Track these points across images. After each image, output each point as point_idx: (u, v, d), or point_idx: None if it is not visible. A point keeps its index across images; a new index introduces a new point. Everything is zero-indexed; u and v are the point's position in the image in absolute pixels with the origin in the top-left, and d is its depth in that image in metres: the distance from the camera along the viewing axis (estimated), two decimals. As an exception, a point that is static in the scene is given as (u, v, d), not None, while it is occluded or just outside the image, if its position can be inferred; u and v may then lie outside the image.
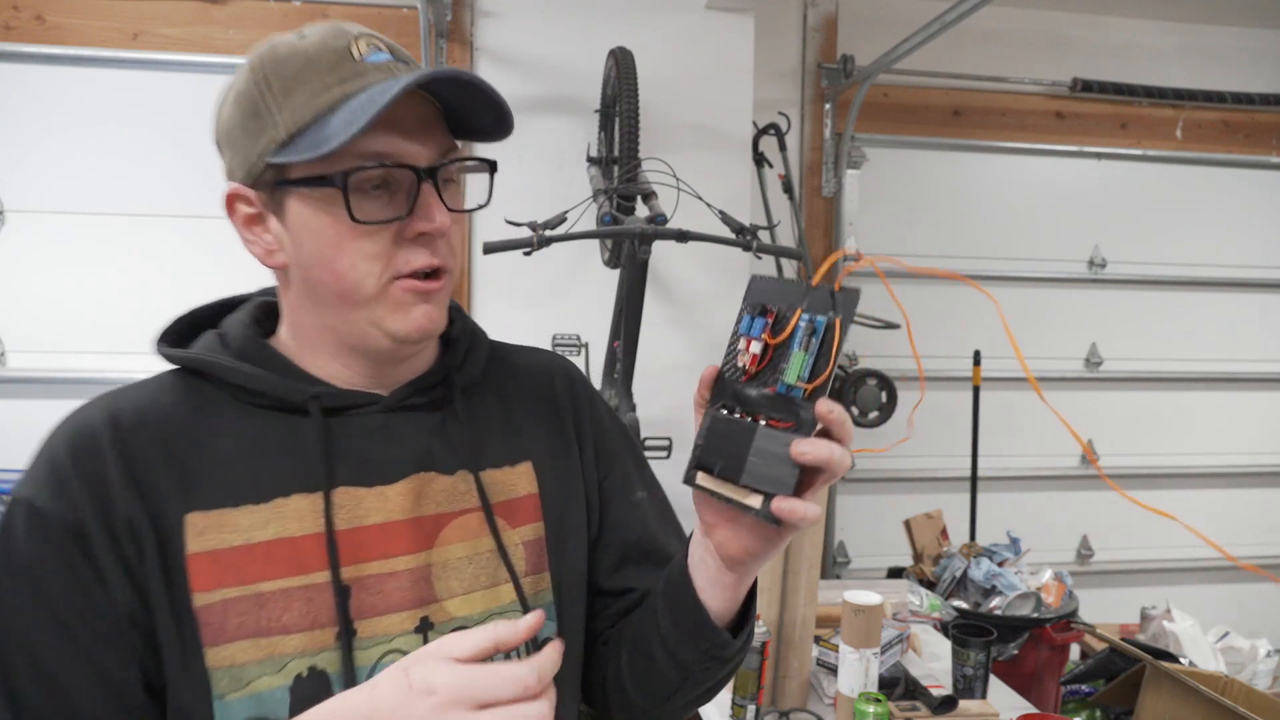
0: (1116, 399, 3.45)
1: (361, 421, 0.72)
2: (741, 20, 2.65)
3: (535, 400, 0.85)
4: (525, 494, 0.80)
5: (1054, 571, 2.38)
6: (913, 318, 3.18)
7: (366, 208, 0.66)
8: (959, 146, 3.28)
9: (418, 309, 0.69)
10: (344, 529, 0.69)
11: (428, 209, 0.68)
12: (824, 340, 0.60)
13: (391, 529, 0.71)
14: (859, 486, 3.30)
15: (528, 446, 0.82)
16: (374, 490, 0.71)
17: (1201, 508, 3.51)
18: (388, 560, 0.70)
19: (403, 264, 0.68)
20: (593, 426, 0.88)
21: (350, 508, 0.70)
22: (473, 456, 0.77)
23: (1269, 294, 3.52)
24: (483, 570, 0.74)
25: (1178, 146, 3.42)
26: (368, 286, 0.67)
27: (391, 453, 0.72)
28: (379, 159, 0.66)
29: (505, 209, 2.50)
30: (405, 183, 0.67)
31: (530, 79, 2.60)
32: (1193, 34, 3.41)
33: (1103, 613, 3.15)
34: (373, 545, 0.70)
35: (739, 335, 0.64)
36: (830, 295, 0.61)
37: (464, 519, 0.75)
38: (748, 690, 1.57)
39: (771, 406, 0.61)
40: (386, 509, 0.71)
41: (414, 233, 0.68)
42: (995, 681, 1.79)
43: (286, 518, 0.67)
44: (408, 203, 0.67)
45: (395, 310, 0.69)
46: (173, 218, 2.55)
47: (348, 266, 0.67)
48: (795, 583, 1.65)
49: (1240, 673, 2.66)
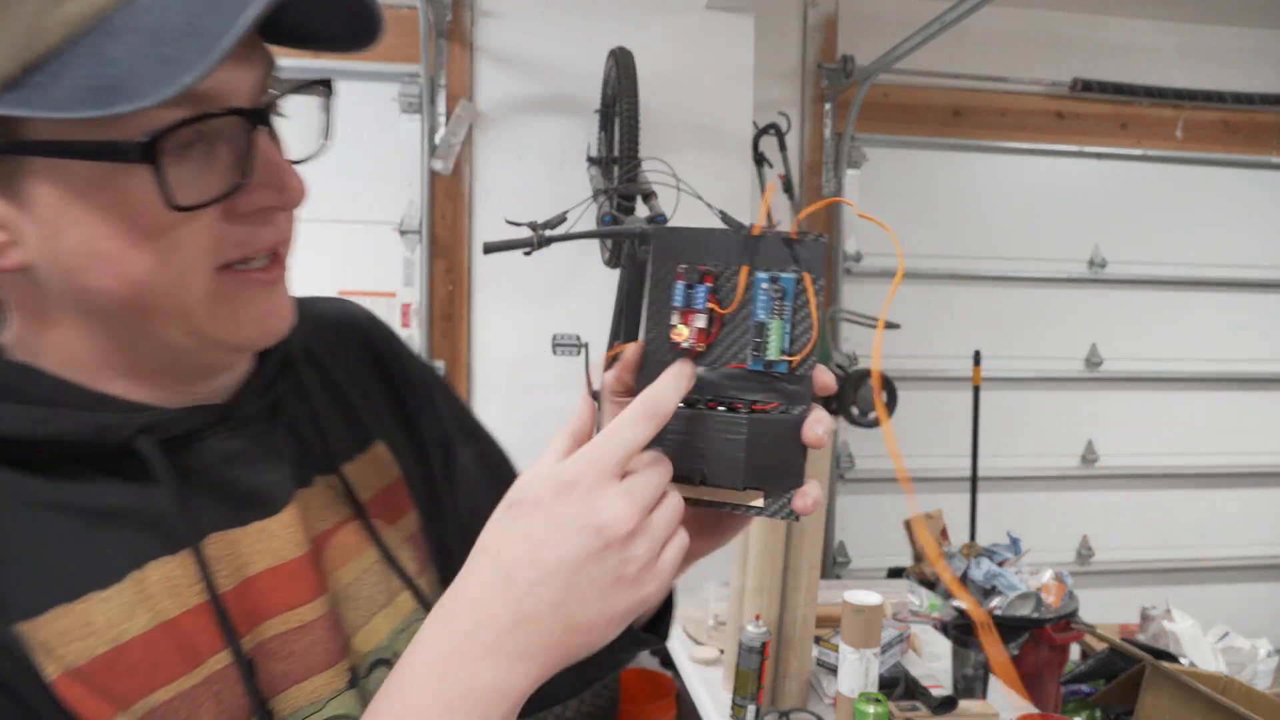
0: (1116, 399, 3.45)
1: (213, 446, 0.54)
2: (741, 20, 2.65)
3: (357, 363, 0.69)
4: (391, 480, 0.67)
5: (1054, 571, 2.37)
6: (913, 318, 3.17)
7: (184, 182, 0.45)
8: (959, 146, 3.28)
9: (261, 305, 0.52)
10: (229, 589, 0.52)
11: (274, 170, 0.49)
12: (797, 301, 0.50)
13: (286, 572, 0.55)
14: (859, 486, 3.29)
15: (372, 422, 0.67)
16: (251, 529, 0.54)
17: (1202, 508, 3.51)
18: (293, 612, 0.54)
19: (235, 250, 0.49)
20: (417, 380, 0.73)
21: (229, 559, 0.53)
22: (327, 454, 0.61)
23: (1269, 294, 3.52)
24: (375, 587, 0.61)
25: (1178, 146, 3.41)
26: (187, 291, 0.48)
27: (262, 476, 0.55)
28: (197, 105, 0.45)
29: (505, 209, 2.50)
30: (228, 132, 0.47)
31: (530, 79, 2.60)
32: (1193, 34, 3.41)
33: (1103, 613, 3.14)
34: (269, 599, 0.54)
35: (672, 308, 0.51)
36: (786, 244, 0.50)
37: (341, 534, 0.60)
38: (748, 690, 1.57)
39: (745, 388, 0.51)
40: (273, 549, 0.55)
41: (254, 207, 0.49)
42: (995, 681, 1.79)
43: (153, 596, 0.49)
44: (239, 163, 0.47)
45: (229, 313, 0.50)
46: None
47: (153, 270, 0.46)
48: (795, 583, 1.65)
49: (1240, 673, 2.66)
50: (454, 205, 2.64)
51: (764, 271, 0.50)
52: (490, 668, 0.44)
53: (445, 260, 2.66)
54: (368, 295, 2.65)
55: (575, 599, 0.45)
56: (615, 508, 0.45)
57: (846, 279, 3.20)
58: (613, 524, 0.45)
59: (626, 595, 0.46)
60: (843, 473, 3.27)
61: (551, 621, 0.45)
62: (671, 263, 0.52)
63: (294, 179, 0.50)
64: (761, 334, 0.51)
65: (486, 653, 0.45)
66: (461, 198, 2.64)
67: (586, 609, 0.45)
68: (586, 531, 0.44)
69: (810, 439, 0.50)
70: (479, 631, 0.45)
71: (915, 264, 3.25)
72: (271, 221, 0.51)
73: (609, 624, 0.46)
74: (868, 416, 2.70)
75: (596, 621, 0.45)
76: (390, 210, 2.65)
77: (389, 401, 0.70)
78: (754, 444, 0.50)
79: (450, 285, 2.67)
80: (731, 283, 0.51)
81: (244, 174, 0.48)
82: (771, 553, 1.64)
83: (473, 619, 0.45)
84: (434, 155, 2.60)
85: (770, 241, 0.51)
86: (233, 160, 0.48)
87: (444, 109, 2.60)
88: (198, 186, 0.46)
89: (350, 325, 0.71)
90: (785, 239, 0.50)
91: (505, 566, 0.45)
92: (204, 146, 0.47)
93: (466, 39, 2.59)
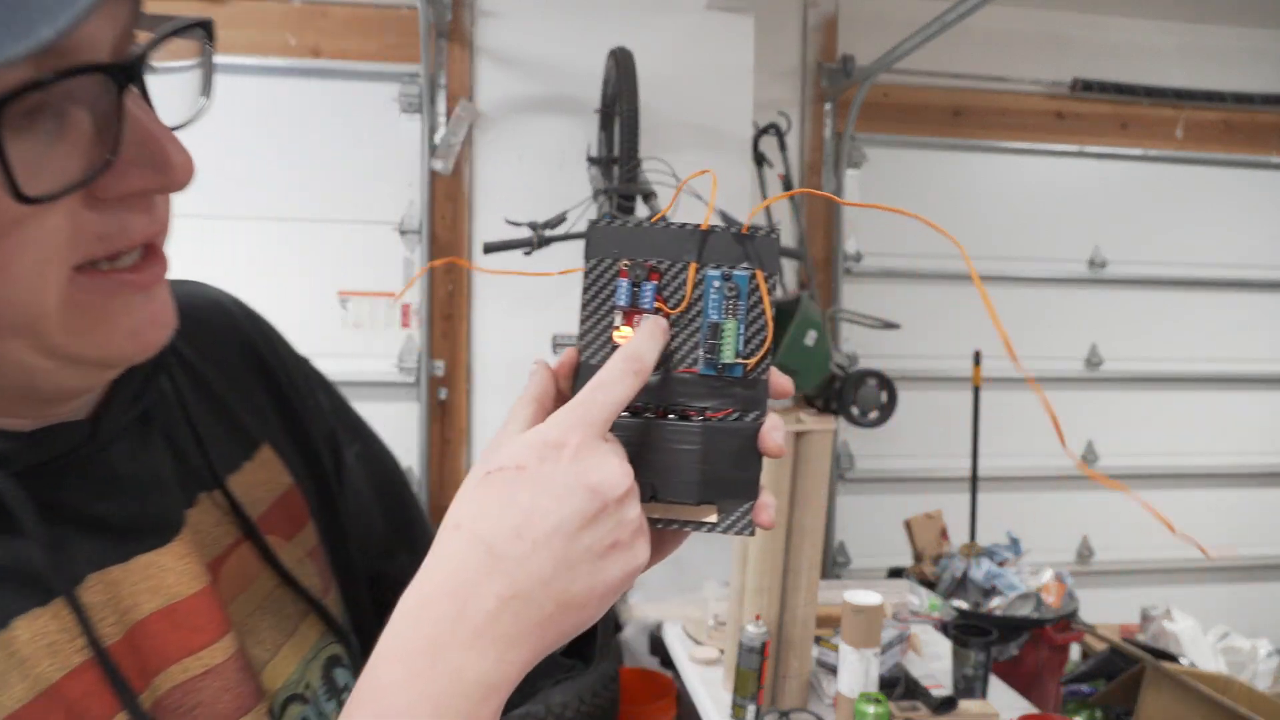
0: (1116, 399, 3.45)
1: (80, 471, 0.45)
2: (741, 20, 2.65)
3: (231, 358, 0.59)
4: (283, 489, 0.58)
5: (1054, 572, 2.37)
6: (913, 318, 3.17)
7: (31, 163, 0.35)
8: (959, 146, 3.28)
9: (136, 313, 0.41)
10: (116, 640, 0.44)
11: (151, 143, 0.38)
12: (751, 300, 0.47)
13: (182, 612, 0.47)
14: (859, 486, 3.30)
15: (254, 425, 0.58)
16: (136, 565, 0.46)
17: (1202, 508, 3.52)
18: (193, 657, 0.47)
19: (99, 245, 0.39)
20: (297, 373, 0.64)
21: (112, 604, 0.44)
22: (209, 467, 0.52)
23: (1269, 294, 3.52)
24: (278, 614, 0.54)
25: (1178, 146, 3.41)
26: (37, 301, 0.37)
27: (143, 501, 0.47)
28: (44, 61, 0.34)
29: (505, 209, 2.50)
30: (87, 95, 0.36)
31: (530, 79, 2.60)
32: (1193, 34, 3.41)
33: (1103, 613, 3.15)
34: (164, 644, 0.46)
35: (614, 308, 0.48)
36: (738, 240, 0.47)
37: (235, 559, 0.52)
38: (748, 690, 1.57)
39: (697, 394, 0.47)
40: (165, 585, 0.47)
41: (125, 190, 0.38)
42: (995, 681, 1.79)
43: (28, 659, 0.40)
44: (103, 135, 0.37)
45: (94, 325, 0.40)
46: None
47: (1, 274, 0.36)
48: (795, 583, 1.65)
49: (1241, 673, 2.66)
50: (454, 205, 2.64)
51: (715, 269, 0.47)
52: (478, 657, 0.39)
53: (445, 260, 2.66)
54: (368, 295, 2.65)
55: (568, 571, 0.40)
56: (609, 466, 0.41)
57: (846, 279, 3.20)
58: (608, 483, 0.41)
59: (621, 562, 0.42)
60: (843, 473, 3.27)
61: (543, 598, 0.40)
62: (612, 259, 0.48)
63: (178, 153, 0.39)
64: (716, 336, 0.47)
65: (473, 640, 0.39)
66: (461, 198, 2.64)
67: (579, 581, 0.41)
68: (579, 493, 0.40)
69: (770, 447, 0.46)
70: (463, 617, 0.39)
71: (915, 264, 3.25)
72: (146, 208, 0.40)
73: (602, 596, 0.42)
74: (868, 416, 2.70)
75: (590, 594, 0.41)
76: (390, 210, 2.65)
77: (269, 399, 0.60)
78: (709, 454, 0.47)
79: (450, 285, 2.67)
80: (679, 280, 0.47)
81: (111, 149, 0.37)
82: (771, 553, 1.64)
83: (454, 604, 0.39)
84: (434, 155, 2.60)
85: (720, 236, 0.48)
86: (94, 132, 0.37)
87: (444, 109, 2.60)
88: (50, 168, 0.35)
89: (218, 314, 0.60)
90: (736, 234, 0.47)
91: (487, 541, 0.40)
92: (54, 115, 0.36)
93: (466, 39, 2.59)
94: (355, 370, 2.64)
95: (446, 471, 2.72)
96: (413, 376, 2.66)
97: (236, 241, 2.56)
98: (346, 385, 2.69)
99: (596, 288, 0.48)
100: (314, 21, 2.59)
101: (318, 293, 2.61)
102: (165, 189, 0.40)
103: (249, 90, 2.56)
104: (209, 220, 2.54)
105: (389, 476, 0.70)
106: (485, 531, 0.40)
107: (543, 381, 0.46)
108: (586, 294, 0.48)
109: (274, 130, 2.58)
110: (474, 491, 0.42)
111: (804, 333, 2.41)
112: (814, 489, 1.63)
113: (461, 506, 0.42)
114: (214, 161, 2.54)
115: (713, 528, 0.47)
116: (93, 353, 0.41)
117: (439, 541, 0.41)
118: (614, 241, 0.48)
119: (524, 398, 0.45)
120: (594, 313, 0.48)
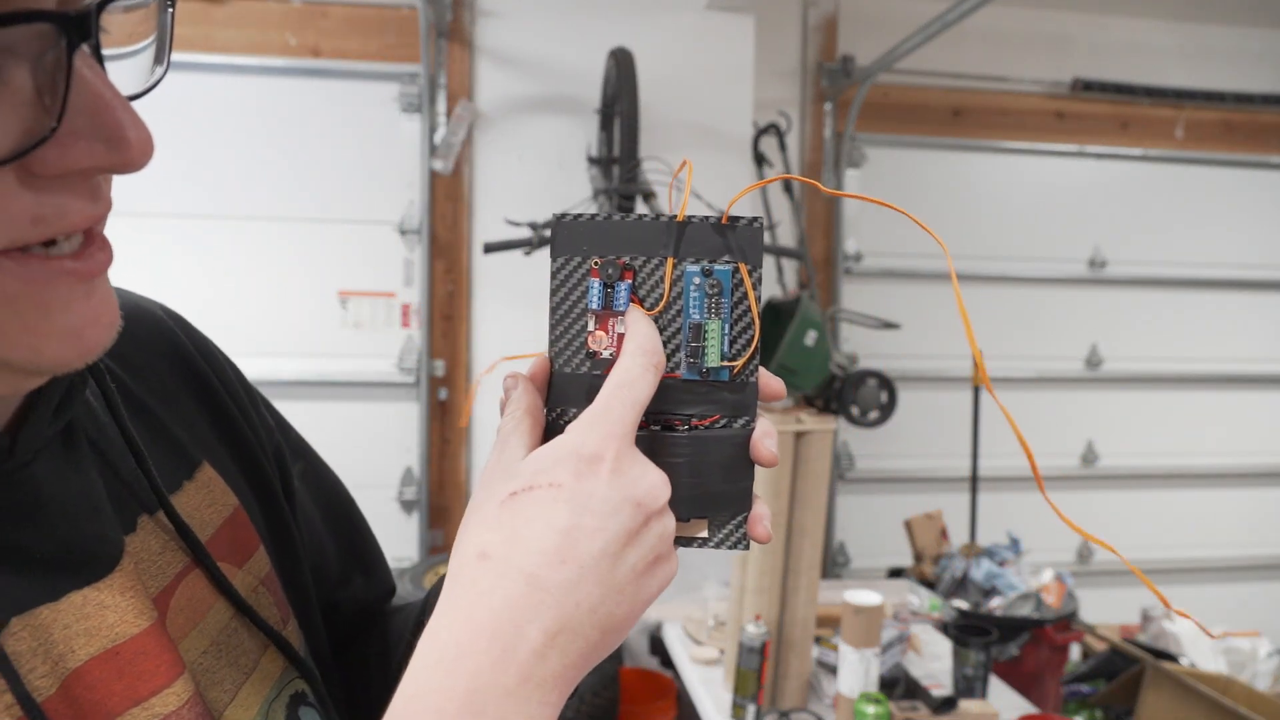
0: (1116, 399, 3.45)
1: (1, 494, 0.39)
2: (741, 20, 2.65)
3: (161, 369, 0.52)
4: (229, 510, 0.51)
5: (1054, 572, 2.37)
6: (913, 318, 3.17)
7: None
8: (959, 146, 3.28)
9: (75, 308, 0.35)
10: (50, 694, 0.37)
11: (104, 112, 0.32)
12: (735, 297, 0.44)
13: (126, 655, 0.40)
14: (859, 486, 3.29)
15: (191, 441, 0.51)
16: (66, 603, 0.39)
17: (1201, 508, 3.52)
18: (142, 706, 0.40)
19: (32, 229, 0.32)
20: (237, 387, 0.57)
21: (41, 653, 0.37)
22: (150, 485, 0.45)
23: (1269, 294, 3.52)
24: (236, 650, 0.48)
25: (1178, 146, 3.41)
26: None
27: (75, 527, 0.40)
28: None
29: (505, 209, 2.50)
30: (28, 51, 0.31)
31: (530, 79, 2.60)
32: (1193, 34, 3.41)
33: (1103, 613, 3.15)
34: (105, 695, 0.39)
35: (587, 311, 0.44)
36: (717, 231, 0.43)
37: (183, 589, 0.45)
38: (748, 690, 1.57)
39: (681, 401, 0.44)
40: (105, 626, 0.40)
41: (69, 167, 0.32)
42: (995, 681, 1.79)
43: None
44: (44, 99, 0.31)
45: (26, 322, 0.33)
46: (162, 217, 2.54)
47: None
48: (795, 583, 1.65)
49: (1241, 673, 2.66)
50: (454, 205, 2.64)
51: (694, 264, 0.44)
52: (521, 704, 0.35)
53: (445, 260, 2.66)
54: (368, 295, 2.65)
55: (616, 594, 0.37)
56: (651, 476, 0.38)
57: (846, 279, 3.20)
58: (652, 494, 0.38)
59: (661, 576, 0.39)
60: (843, 473, 3.27)
61: (589, 627, 0.36)
62: (581, 258, 0.44)
63: (134, 127, 0.33)
64: (698, 337, 0.43)
65: (518, 686, 0.35)
66: (461, 198, 2.64)
67: (625, 603, 0.38)
68: (626, 509, 0.37)
69: (761, 455, 0.43)
70: (506, 662, 0.35)
71: (915, 264, 3.25)
72: (89, 190, 0.34)
73: (639, 614, 0.39)
74: (868, 416, 2.70)
75: (630, 615, 0.38)
76: (390, 210, 2.65)
77: (206, 414, 0.54)
78: (696, 466, 0.43)
79: (450, 285, 2.67)
80: (655, 277, 0.44)
81: (55, 116, 0.31)
82: (771, 553, 1.64)
83: (496, 646, 0.35)
84: (434, 155, 2.60)
85: (698, 228, 0.44)
86: (35, 94, 0.31)
87: (444, 109, 2.60)
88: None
89: (147, 322, 0.53)
90: (716, 224, 0.44)
91: (527, 571, 0.36)
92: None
93: (466, 39, 2.59)
94: (355, 370, 2.64)
95: (446, 471, 2.72)
96: (413, 376, 2.66)
97: (236, 241, 2.56)
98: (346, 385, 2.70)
99: (566, 289, 0.44)
100: (314, 21, 2.59)
101: (318, 293, 2.61)
102: (116, 169, 0.33)
103: (249, 90, 2.56)
104: (209, 220, 2.54)
105: (335, 496, 0.65)
106: (523, 560, 0.36)
107: (529, 394, 0.43)
108: (555, 296, 0.45)
109: (274, 130, 2.58)
110: (498, 516, 0.37)
111: (804, 333, 2.41)
112: (814, 489, 1.63)
113: (484, 534, 0.37)
114: (214, 162, 2.54)
115: (704, 543, 0.45)
116: (21, 355, 0.34)
117: (463, 575, 0.37)
118: (583, 238, 0.44)
119: (514, 414, 0.42)
120: (564, 317, 0.44)
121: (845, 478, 3.28)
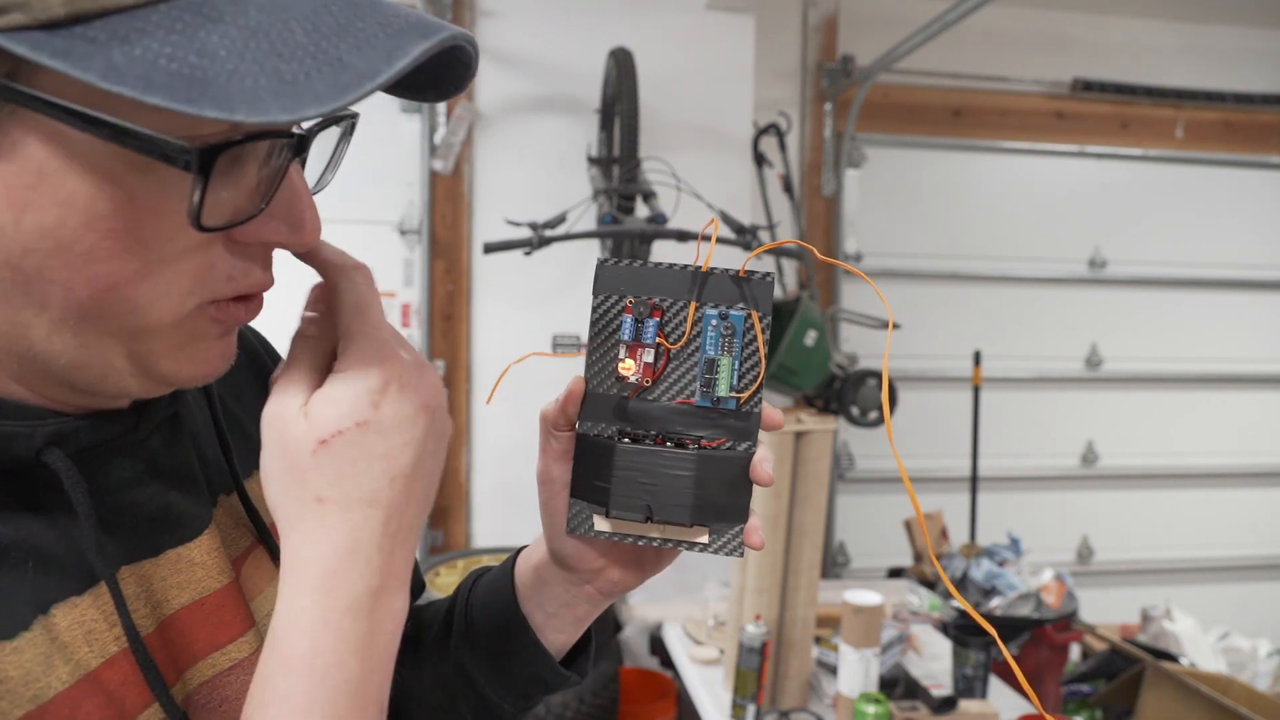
0: (1116, 399, 3.45)
1: (121, 461, 0.47)
2: (741, 20, 2.65)
3: (239, 363, 0.58)
4: None
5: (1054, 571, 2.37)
6: (913, 318, 3.17)
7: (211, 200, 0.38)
8: (959, 146, 3.28)
9: (216, 345, 0.45)
10: (150, 631, 0.45)
11: (295, 204, 0.42)
12: (746, 339, 0.51)
13: (209, 607, 0.49)
14: (859, 486, 3.30)
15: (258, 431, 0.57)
16: (166, 559, 0.47)
17: (1201, 508, 3.52)
18: (220, 652, 0.48)
19: (223, 285, 0.42)
20: None
21: (144, 596, 0.46)
22: (230, 469, 0.54)
23: (1269, 294, 3.52)
24: None
25: (1178, 146, 3.41)
26: (155, 314, 0.40)
27: (175, 496, 0.49)
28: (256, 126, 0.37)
29: (505, 209, 2.50)
30: (263, 153, 0.40)
31: (530, 79, 2.60)
32: (1193, 34, 3.41)
33: (1103, 613, 3.15)
34: (193, 639, 0.48)
35: (619, 342, 0.51)
36: (734, 282, 0.51)
37: (252, 560, 0.54)
38: (748, 690, 1.57)
39: (693, 424, 0.51)
40: (194, 580, 0.48)
41: (260, 239, 0.42)
42: (995, 681, 1.79)
43: (68, 644, 0.41)
44: (262, 188, 0.41)
45: (186, 345, 0.43)
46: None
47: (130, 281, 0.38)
48: (795, 583, 1.65)
49: (1241, 673, 2.66)
50: (454, 205, 2.64)
51: (713, 308, 0.51)
52: (391, 600, 0.42)
53: (445, 260, 2.66)
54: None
55: (431, 480, 0.45)
56: (427, 378, 0.44)
57: (847, 279, 3.20)
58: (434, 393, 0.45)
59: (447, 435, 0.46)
60: (843, 473, 3.27)
61: (418, 518, 0.44)
62: (617, 296, 0.52)
63: (312, 217, 0.43)
64: (711, 370, 0.51)
65: (386, 589, 0.42)
66: (461, 198, 2.64)
67: (436, 477, 0.45)
68: (421, 416, 0.43)
69: (760, 477, 0.50)
70: (368, 579, 0.41)
71: (915, 264, 3.25)
72: (267, 261, 0.44)
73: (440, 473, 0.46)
74: (868, 416, 2.70)
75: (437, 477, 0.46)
76: (390, 210, 2.65)
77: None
78: (702, 480, 0.51)
79: (450, 285, 2.67)
80: (679, 318, 0.51)
81: (265, 200, 0.41)
82: (771, 553, 1.64)
83: (360, 570, 0.41)
84: (434, 155, 2.60)
85: (718, 278, 0.51)
86: (256, 184, 0.40)
87: (444, 109, 2.60)
88: (222, 206, 0.39)
89: None
90: (734, 276, 0.51)
91: (364, 498, 0.41)
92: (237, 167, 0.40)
93: (466, 39, 2.59)
94: (355, 370, 2.64)
95: (446, 471, 2.72)
96: (413, 376, 2.66)
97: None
98: (346, 385, 2.64)
99: (603, 323, 0.52)
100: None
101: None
102: (293, 246, 0.44)
103: (249, 90, 2.56)
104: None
105: None
106: (356, 492, 0.41)
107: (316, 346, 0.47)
108: (593, 328, 0.52)
109: (274, 130, 2.58)
110: (319, 463, 0.41)
111: (804, 333, 2.41)
112: (814, 489, 1.63)
113: (312, 480, 0.41)
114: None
115: (704, 548, 0.52)
116: (170, 371, 0.43)
117: (307, 518, 0.41)
118: (620, 280, 0.52)
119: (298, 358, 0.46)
120: (600, 345, 0.52)
121: (845, 478, 3.28)
